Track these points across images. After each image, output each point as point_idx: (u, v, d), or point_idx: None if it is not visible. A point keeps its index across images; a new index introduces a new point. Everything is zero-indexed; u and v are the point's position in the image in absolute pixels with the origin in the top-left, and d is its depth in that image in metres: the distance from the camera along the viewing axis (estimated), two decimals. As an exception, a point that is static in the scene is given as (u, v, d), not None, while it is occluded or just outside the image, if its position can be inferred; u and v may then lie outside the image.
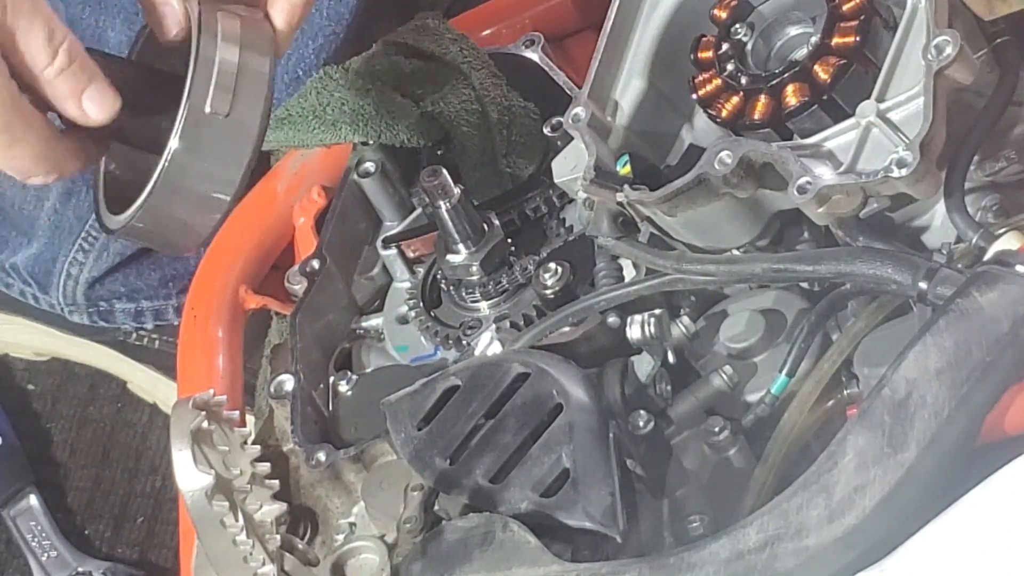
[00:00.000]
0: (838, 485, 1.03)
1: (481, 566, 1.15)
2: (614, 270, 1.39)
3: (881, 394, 1.04)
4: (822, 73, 1.23)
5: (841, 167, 1.18)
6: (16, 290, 2.14)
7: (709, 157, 1.21)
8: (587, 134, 1.30)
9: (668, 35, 1.35)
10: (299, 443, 1.40)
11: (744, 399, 1.30)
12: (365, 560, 1.25)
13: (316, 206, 1.65)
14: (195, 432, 1.12)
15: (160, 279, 2.07)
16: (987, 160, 1.26)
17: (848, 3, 1.23)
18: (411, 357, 1.50)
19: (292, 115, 1.66)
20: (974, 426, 1.04)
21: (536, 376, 1.23)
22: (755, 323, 1.32)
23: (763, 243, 1.31)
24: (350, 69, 1.66)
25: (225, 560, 1.17)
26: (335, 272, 1.54)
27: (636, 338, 1.30)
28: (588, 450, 1.18)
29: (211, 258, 1.73)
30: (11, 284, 2.14)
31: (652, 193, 1.24)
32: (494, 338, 1.36)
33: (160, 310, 2.10)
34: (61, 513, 2.14)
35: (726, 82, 1.28)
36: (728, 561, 1.05)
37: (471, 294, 1.47)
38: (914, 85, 1.17)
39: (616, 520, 1.15)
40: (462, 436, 1.22)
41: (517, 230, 1.50)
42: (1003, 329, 1.04)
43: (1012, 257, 1.09)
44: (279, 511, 1.21)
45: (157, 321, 2.10)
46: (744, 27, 1.30)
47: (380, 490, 1.34)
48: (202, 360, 1.67)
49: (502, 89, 1.58)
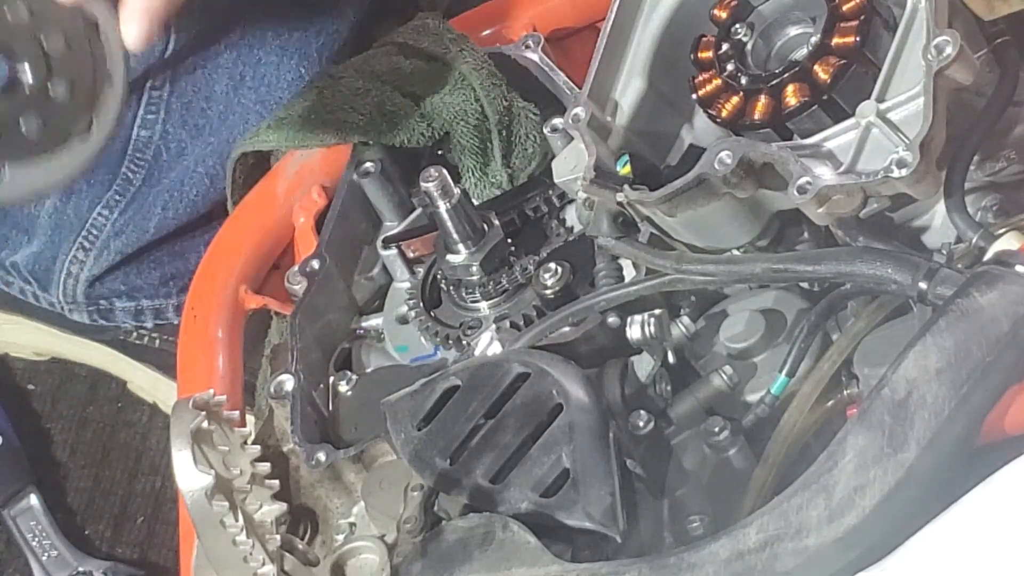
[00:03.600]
0: (838, 485, 1.03)
1: (481, 566, 1.15)
2: (614, 270, 1.39)
3: (881, 394, 1.04)
4: (822, 73, 1.23)
5: (841, 167, 1.18)
6: (16, 288, 2.14)
7: (709, 157, 1.21)
8: (587, 134, 1.30)
9: (668, 35, 1.35)
10: (299, 443, 1.40)
11: (744, 399, 1.30)
12: (365, 560, 1.25)
13: (316, 206, 1.65)
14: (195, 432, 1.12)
15: (160, 277, 2.07)
16: (987, 160, 1.26)
17: (848, 3, 1.23)
18: (411, 357, 1.50)
19: (292, 115, 1.66)
20: (974, 426, 1.04)
21: (536, 376, 1.23)
22: (755, 323, 1.32)
23: (763, 243, 1.31)
24: (350, 69, 1.66)
25: (225, 560, 1.17)
26: (335, 272, 1.54)
27: (636, 338, 1.30)
28: (588, 450, 1.18)
29: (211, 258, 1.73)
30: (11, 282, 2.14)
31: (652, 193, 1.24)
32: (494, 338, 1.36)
33: (160, 309, 2.09)
34: (61, 513, 2.14)
35: (726, 82, 1.28)
36: (728, 561, 1.05)
37: (471, 294, 1.47)
38: (914, 85, 1.17)
39: (616, 520, 1.15)
40: (462, 436, 1.23)
41: (517, 230, 1.50)
42: (1003, 329, 1.04)
43: (1012, 257, 1.09)
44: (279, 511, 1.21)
45: (157, 320, 2.10)
46: (744, 27, 1.30)
47: (380, 490, 1.34)
48: (202, 360, 1.67)
49: (502, 89, 1.58)
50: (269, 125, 1.68)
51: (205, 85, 1.90)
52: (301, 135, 1.64)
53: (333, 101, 1.63)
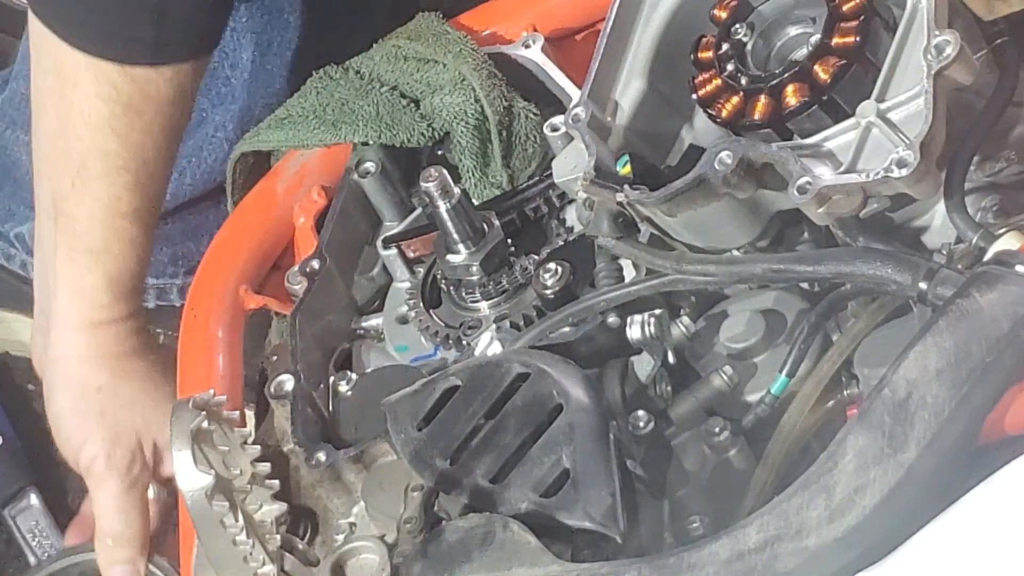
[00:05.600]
0: (838, 485, 1.03)
1: (481, 566, 1.15)
2: (614, 270, 1.39)
3: (881, 394, 1.04)
4: (822, 73, 1.22)
5: (841, 167, 1.18)
6: (17, 262, 2.13)
7: (709, 157, 1.21)
8: (587, 134, 1.30)
9: (668, 35, 1.35)
10: (299, 443, 1.39)
11: (744, 399, 1.30)
12: (365, 560, 1.25)
13: (316, 206, 1.65)
14: (195, 432, 1.12)
15: (171, 256, 2.05)
16: (987, 160, 1.26)
17: (848, 3, 1.23)
18: (411, 357, 1.50)
19: (292, 115, 1.66)
20: (974, 426, 1.04)
21: (536, 376, 1.23)
22: (755, 323, 1.32)
23: (763, 243, 1.31)
24: (350, 69, 1.66)
25: (225, 560, 1.17)
26: (335, 272, 1.54)
27: (636, 338, 1.30)
28: (588, 450, 1.18)
29: (211, 258, 1.72)
30: (13, 255, 2.12)
31: (652, 193, 1.24)
32: (494, 338, 1.36)
33: (164, 289, 2.08)
34: (61, 513, 2.14)
35: (726, 82, 1.28)
36: (728, 561, 1.05)
37: (471, 294, 1.47)
38: (914, 85, 1.17)
39: (616, 520, 1.15)
40: (462, 436, 1.22)
41: (517, 230, 1.50)
42: (1003, 329, 1.04)
43: (1012, 257, 1.09)
44: (279, 511, 1.21)
45: (159, 301, 2.09)
46: (744, 27, 1.29)
47: (380, 490, 1.34)
48: (202, 360, 1.67)
49: (502, 89, 1.58)
50: (269, 125, 1.68)
51: (232, 52, 1.90)
52: (301, 135, 1.64)
53: (333, 101, 1.63)
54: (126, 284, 1.69)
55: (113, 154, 1.61)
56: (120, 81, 1.59)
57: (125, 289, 1.69)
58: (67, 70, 1.59)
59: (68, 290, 1.68)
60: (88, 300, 1.68)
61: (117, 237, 1.65)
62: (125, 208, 1.64)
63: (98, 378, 1.69)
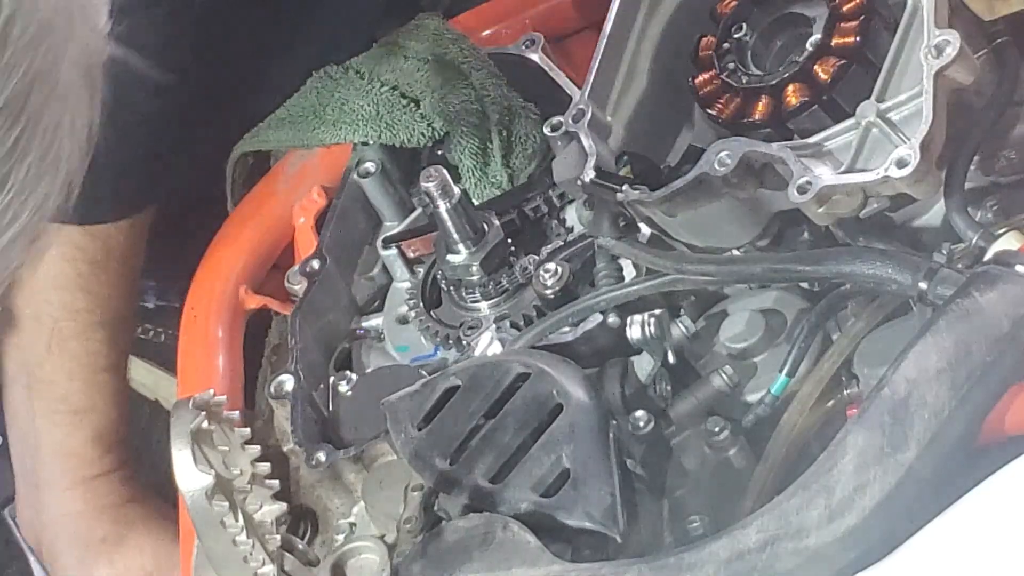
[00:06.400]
0: (838, 485, 1.03)
1: (481, 566, 1.15)
2: (614, 270, 1.39)
3: (881, 394, 1.04)
4: (822, 73, 1.23)
5: (841, 167, 1.18)
6: None
7: (709, 157, 1.21)
8: (587, 134, 1.30)
9: (668, 35, 1.35)
10: (299, 443, 1.40)
11: (744, 399, 1.30)
12: (365, 560, 1.25)
13: (316, 206, 1.65)
14: (195, 432, 1.12)
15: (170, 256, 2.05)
16: (987, 160, 1.26)
17: (848, 3, 1.23)
18: (411, 357, 1.50)
19: (292, 115, 1.66)
20: (974, 426, 1.04)
21: (536, 376, 1.23)
22: (755, 323, 1.32)
23: (763, 243, 1.31)
24: (350, 69, 1.66)
25: (225, 560, 1.17)
26: (335, 272, 1.54)
27: (636, 338, 1.30)
28: (588, 450, 1.18)
29: (211, 258, 1.72)
30: None
31: (652, 193, 1.24)
32: (494, 338, 1.36)
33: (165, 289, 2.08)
34: (61, 513, 2.13)
35: (726, 82, 1.28)
36: (728, 561, 1.04)
37: (471, 294, 1.47)
38: (914, 85, 1.17)
39: (616, 520, 1.15)
40: (462, 436, 1.22)
41: (517, 230, 1.50)
42: (1003, 329, 1.04)
43: (1012, 257, 1.09)
44: (279, 511, 1.21)
45: (159, 301, 2.09)
46: (744, 27, 1.29)
47: (380, 490, 1.34)
48: (202, 360, 1.67)
49: (502, 89, 1.58)
50: (269, 125, 1.68)
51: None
52: (301, 135, 1.64)
53: (333, 101, 1.63)
54: (112, 437, 1.71)
55: (85, 311, 1.63)
56: (82, 240, 1.61)
57: (112, 441, 1.71)
58: None
59: (55, 452, 1.69)
60: (78, 458, 1.69)
61: (100, 392, 1.67)
62: (104, 362, 1.67)
63: (100, 530, 1.71)
